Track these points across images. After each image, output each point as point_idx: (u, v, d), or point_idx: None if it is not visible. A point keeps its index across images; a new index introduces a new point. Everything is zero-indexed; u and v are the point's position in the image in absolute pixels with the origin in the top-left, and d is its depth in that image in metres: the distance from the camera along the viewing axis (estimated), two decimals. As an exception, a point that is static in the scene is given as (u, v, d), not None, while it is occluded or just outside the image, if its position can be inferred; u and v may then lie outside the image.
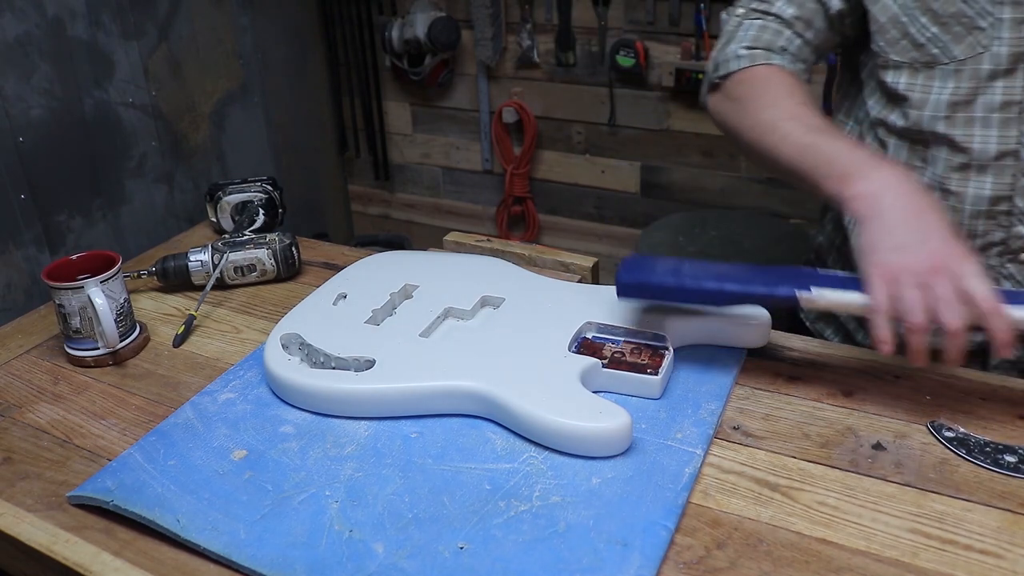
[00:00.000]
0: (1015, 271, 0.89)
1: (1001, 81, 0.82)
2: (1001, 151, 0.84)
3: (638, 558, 0.60)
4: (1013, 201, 0.86)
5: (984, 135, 0.85)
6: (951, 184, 0.88)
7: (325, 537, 0.63)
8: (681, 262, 0.78)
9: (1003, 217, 0.87)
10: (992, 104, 0.83)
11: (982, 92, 0.83)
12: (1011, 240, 0.88)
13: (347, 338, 0.82)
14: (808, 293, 0.71)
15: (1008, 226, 0.87)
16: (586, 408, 0.71)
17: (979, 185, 0.87)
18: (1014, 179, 0.85)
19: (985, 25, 0.81)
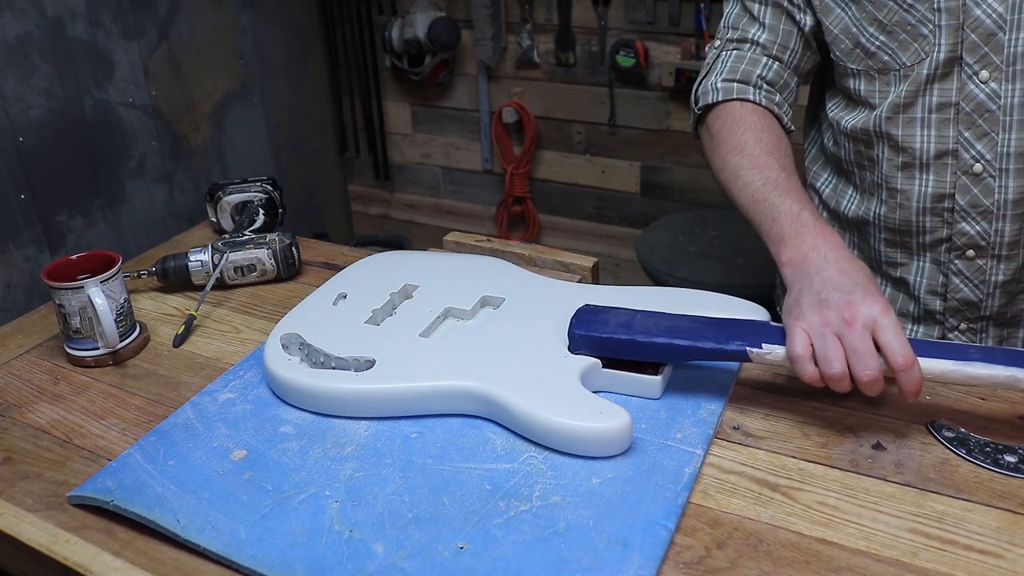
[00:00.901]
0: (963, 267, 0.92)
1: (938, 84, 0.86)
2: (940, 150, 0.88)
3: (638, 558, 0.60)
4: (955, 199, 0.89)
5: (924, 135, 0.89)
6: (896, 183, 0.92)
7: (325, 537, 0.63)
8: (633, 315, 0.78)
9: (947, 214, 0.90)
10: (930, 106, 0.87)
11: (921, 95, 0.87)
12: (956, 236, 0.91)
13: (347, 338, 0.82)
14: (759, 349, 0.72)
15: (952, 223, 0.91)
16: (586, 408, 0.71)
17: (922, 183, 0.90)
18: (954, 177, 0.89)
19: (927, 32, 0.85)
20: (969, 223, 0.90)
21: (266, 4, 2.21)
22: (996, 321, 0.96)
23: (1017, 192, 0.87)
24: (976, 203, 0.88)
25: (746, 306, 0.83)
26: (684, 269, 1.89)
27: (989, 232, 0.89)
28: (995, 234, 0.89)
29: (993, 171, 0.87)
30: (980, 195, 0.88)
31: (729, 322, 0.76)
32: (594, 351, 0.77)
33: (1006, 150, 0.86)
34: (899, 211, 0.93)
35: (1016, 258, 0.91)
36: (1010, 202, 0.87)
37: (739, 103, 0.95)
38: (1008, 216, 0.88)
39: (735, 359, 0.73)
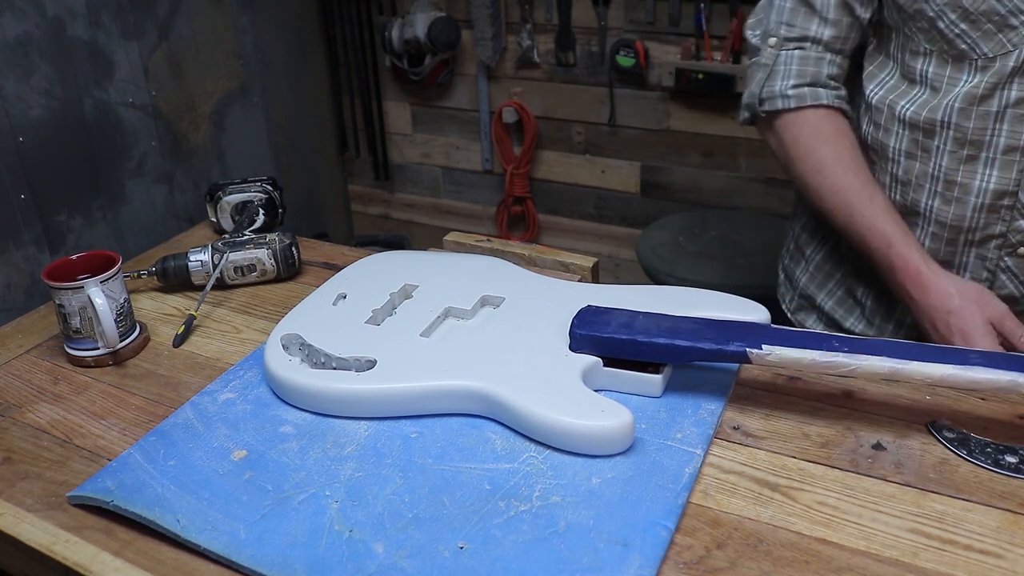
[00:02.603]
0: (1012, 264, 0.92)
1: (1020, 78, 0.84)
2: (1010, 146, 0.86)
3: (638, 558, 0.60)
4: (1017, 196, 0.88)
5: (996, 129, 0.86)
6: (957, 176, 0.89)
7: (325, 537, 0.63)
8: (635, 315, 0.78)
9: (1005, 211, 0.89)
10: (1009, 100, 0.85)
11: (1001, 88, 0.85)
12: (1011, 234, 0.90)
13: (347, 338, 0.82)
14: (759, 350, 0.72)
15: (1009, 220, 0.89)
16: (588, 406, 0.71)
17: (984, 178, 0.88)
18: (1020, 174, 0.87)
19: (1017, 24, 0.82)
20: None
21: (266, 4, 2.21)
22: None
23: None
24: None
25: (747, 305, 0.83)
26: (684, 269, 1.89)
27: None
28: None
29: None
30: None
31: (729, 323, 0.76)
32: (595, 350, 0.77)
33: None
34: (954, 205, 0.90)
35: None
36: None
37: (812, 111, 0.94)
38: None
39: (735, 360, 0.73)
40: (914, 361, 0.68)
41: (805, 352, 0.71)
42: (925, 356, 0.69)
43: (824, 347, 0.71)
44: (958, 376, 0.67)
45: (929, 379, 0.68)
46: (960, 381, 0.68)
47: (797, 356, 0.71)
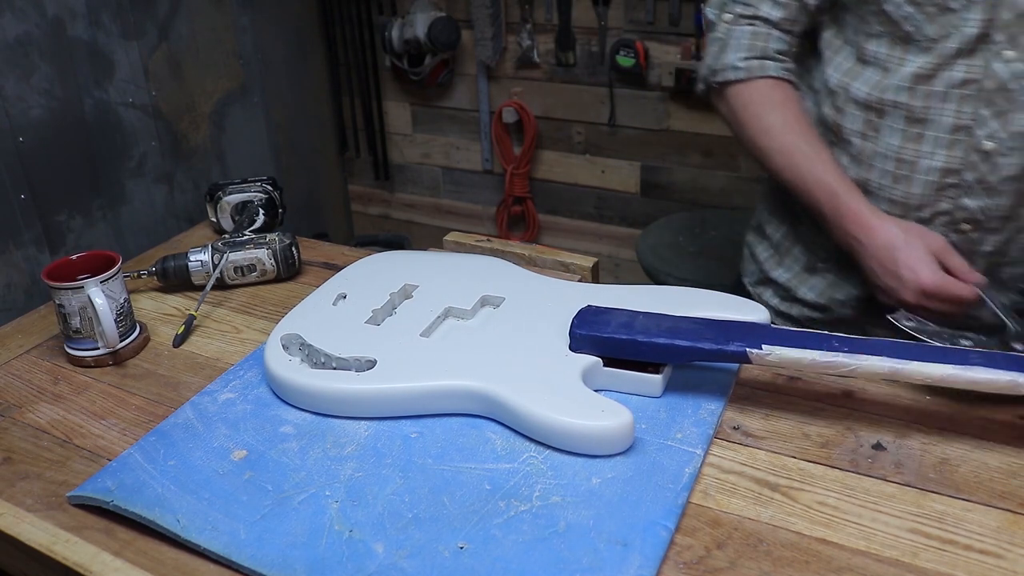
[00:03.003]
0: (957, 240, 0.95)
1: (963, 60, 0.88)
2: (955, 125, 0.90)
3: (638, 558, 0.60)
4: (962, 175, 0.91)
5: (941, 109, 0.90)
6: (906, 154, 0.94)
7: (325, 537, 0.63)
8: (635, 315, 0.78)
9: (951, 189, 0.92)
10: (953, 80, 0.89)
11: (945, 68, 0.89)
12: (956, 211, 0.93)
13: (347, 338, 0.82)
14: (759, 350, 0.72)
15: (955, 198, 0.93)
16: (588, 406, 0.71)
17: (931, 157, 0.92)
18: (965, 153, 0.90)
19: (956, 7, 0.86)
20: (972, 198, 0.92)
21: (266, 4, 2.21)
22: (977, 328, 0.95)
23: (1017, 170, 0.89)
24: (982, 180, 0.90)
25: (747, 305, 0.83)
26: (684, 269, 1.89)
27: (988, 207, 0.92)
28: (993, 209, 0.92)
29: (1004, 149, 0.88)
30: (987, 172, 0.90)
31: (729, 323, 0.76)
32: (595, 350, 0.77)
33: (1017, 129, 0.88)
34: (904, 183, 0.95)
35: (1004, 231, 0.93)
36: (1011, 179, 0.90)
37: (761, 81, 0.99)
38: (1007, 192, 0.90)
39: (735, 360, 0.73)
40: (914, 361, 0.68)
41: (805, 352, 0.71)
42: (925, 356, 0.69)
43: (824, 347, 0.71)
44: (958, 376, 0.67)
45: (929, 379, 0.68)
46: (960, 381, 0.68)
47: (797, 356, 0.71)
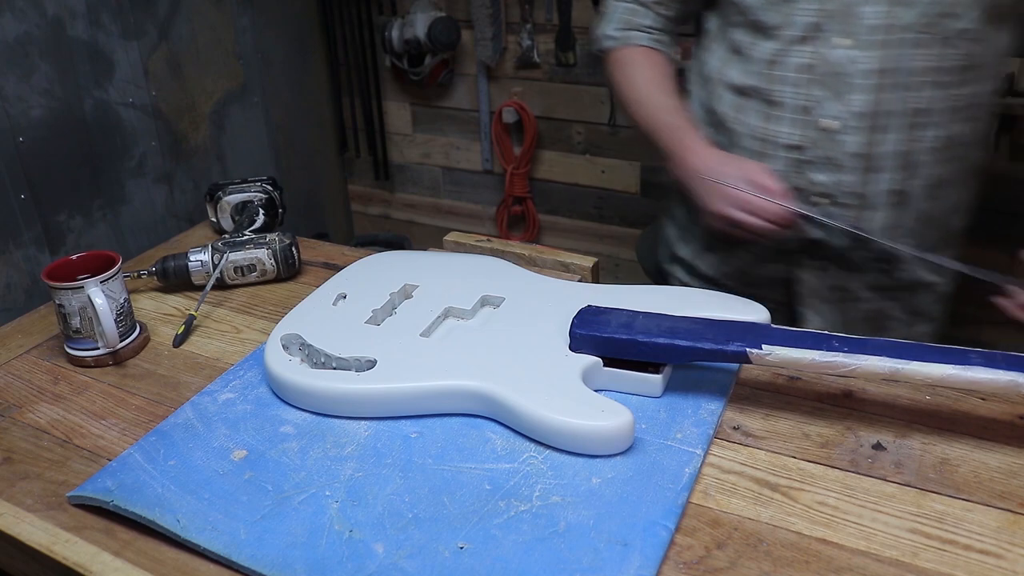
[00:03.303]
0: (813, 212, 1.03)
1: (802, 46, 0.98)
2: (801, 106, 1.00)
3: (638, 558, 0.60)
4: (811, 151, 1.01)
5: (788, 92, 1.01)
6: (765, 134, 1.04)
7: (325, 537, 0.63)
8: (635, 315, 0.79)
9: (804, 165, 1.02)
10: (796, 65, 0.99)
11: (789, 54, 0.99)
12: (811, 186, 1.03)
13: (347, 338, 0.82)
14: (759, 350, 0.72)
15: (807, 173, 1.02)
16: (588, 406, 0.71)
17: (782, 135, 1.03)
18: (810, 131, 1.00)
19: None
20: (821, 173, 1.02)
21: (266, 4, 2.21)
22: (840, 264, 1.08)
23: (860, 148, 0.99)
24: (827, 156, 1.00)
25: (747, 305, 0.83)
26: (684, 269, 1.88)
27: (836, 182, 1.01)
28: (843, 184, 1.01)
29: (843, 128, 0.98)
30: (831, 149, 1.00)
31: (729, 323, 0.76)
32: (595, 350, 0.77)
33: (854, 110, 0.97)
34: (764, 159, 1.04)
35: (855, 206, 1.02)
36: (854, 155, 0.99)
37: (633, 48, 1.14)
38: (851, 168, 1.00)
39: (735, 360, 0.73)
40: (914, 361, 0.68)
41: (805, 352, 0.71)
42: (925, 356, 0.69)
43: (824, 347, 0.71)
44: (958, 376, 0.67)
45: (929, 379, 0.68)
46: (960, 381, 0.68)
47: (797, 356, 0.71)
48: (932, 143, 1.00)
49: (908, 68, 0.95)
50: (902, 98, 0.96)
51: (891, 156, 0.99)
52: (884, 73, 0.95)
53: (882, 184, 1.01)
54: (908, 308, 1.11)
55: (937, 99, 0.97)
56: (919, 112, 0.98)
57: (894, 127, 0.98)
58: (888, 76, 0.96)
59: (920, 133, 0.99)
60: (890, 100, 0.97)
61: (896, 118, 0.97)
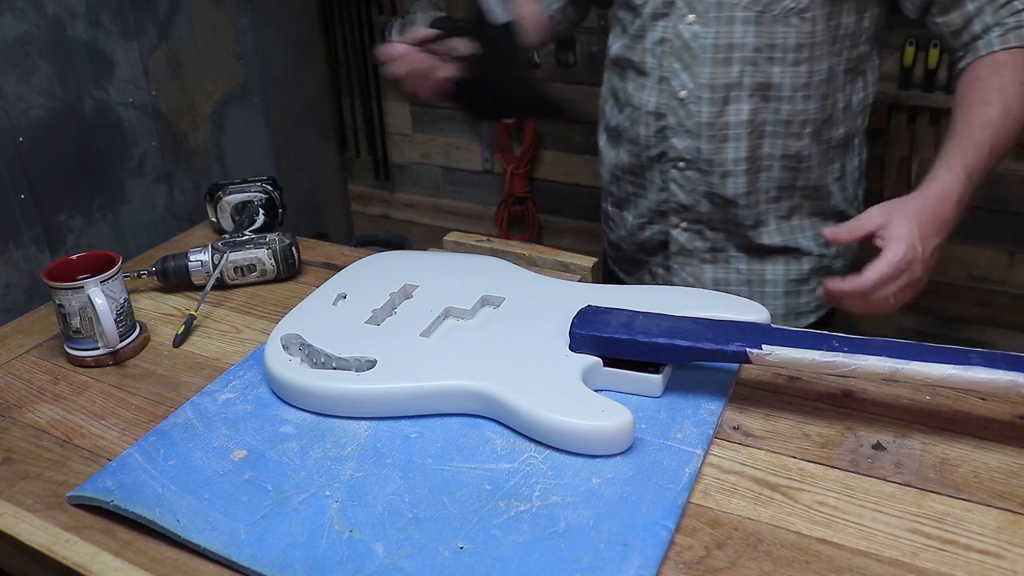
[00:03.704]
0: (677, 176, 1.13)
1: (660, 21, 1.07)
2: (660, 76, 1.09)
3: (638, 558, 0.60)
4: (667, 118, 1.10)
5: (651, 63, 1.09)
6: (635, 100, 1.13)
7: (325, 537, 0.63)
8: (635, 315, 0.79)
9: (665, 131, 1.11)
10: (655, 38, 1.08)
11: (650, 29, 1.08)
12: (670, 151, 1.12)
13: (347, 338, 0.82)
14: (759, 350, 0.72)
15: (668, 138, 1.11)
16: (588, 406, 0.71)
17: (649, 103, 1.11)
18: (668, 100, 1.09)
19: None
20: (678, 139, 1.10)
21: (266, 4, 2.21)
22: (710, 226, 1.15)
23: (711, 117, 1.06)
24: (682, 123, 1.09)
25: (747, 305, 0.83)
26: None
27: (692, 148, 1.09)
28: (696, 151, 1.09)
29: (693, 98, 1.06)
30: (684, 117, 1.08)
31: (729, 323, 0.76)
32: (595, 350, 0.77)
33: (703, 81, 1.05)
34: (635, 124, 1.14)
35: (714, 173, 1.10)
36: (705, 124, 1.07)
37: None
38: (704, 136, 1.08)
39: (735, 360, 0.73)
40: (914, 361, 0.68)
41: (805, 352, 0.71)
42: (925, 356, 0.69)
43: (824, 347, 0.71)
44: (958, 376, 0.67)
45: (929, 379, 0.68)
46: (960, 381, 0.68)
47: (797, 356, 0.71)
48: (781, 116, 1.06)
49: (745, 44, 1.02)
50: (745, 72, 1.04)
51: (742, 126, 1.07)
52: (724, 48, 1.03)
53: (735, 152, 1.08)
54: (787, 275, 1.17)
55: (777, 75, 1.04)
56: (762, 86, 1.05)
57: (741, 99, 1.05)
58: (728, 51, 1.03)
59: (766, 106, 1.06)
60: (733, 73, 1.04)
61: (742, 91, 1.05)
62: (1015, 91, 0.93)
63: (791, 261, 1.16)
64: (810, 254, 1.16)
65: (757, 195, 1.11)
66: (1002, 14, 0.96)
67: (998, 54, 0.95)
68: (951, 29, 1.00)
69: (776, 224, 1.14)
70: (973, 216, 1.72)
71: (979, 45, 0.97)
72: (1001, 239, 1.73)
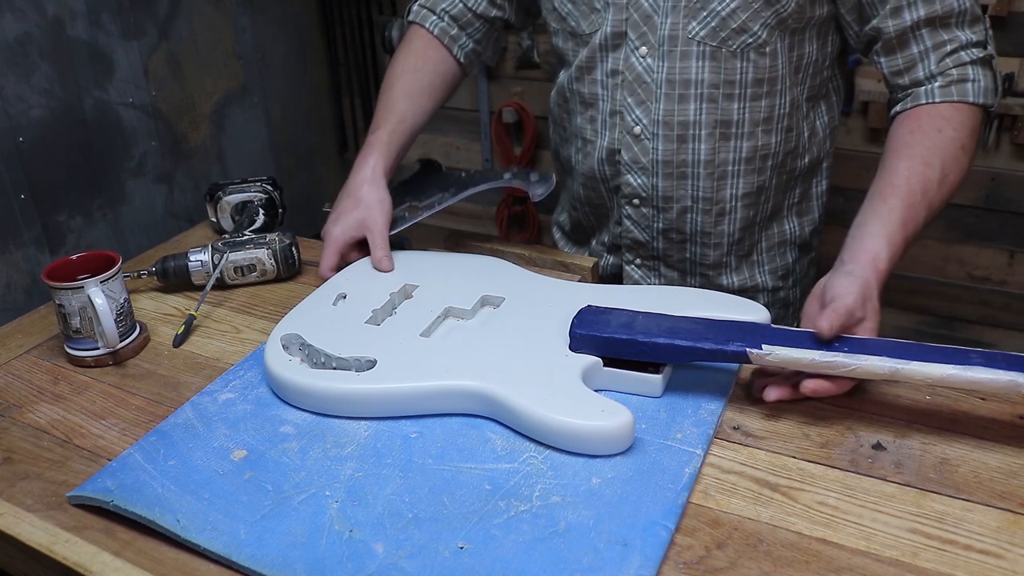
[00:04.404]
0: (632, 212, 1.09)
1: (610, 53, 1.01)
2: (612, 110, 1.04)
3: (638, 558, 0.60)
4: (621, 154, 1.05)
5: (601, 95, 1.04)
6: (586, 134, 1.08)
7: (325, 537, 0.63)
8: (635, 315, 0.79)
9: (618, 166, 1.06)
10: (606, 71, 1.03)
11: (599, 61, 1.03)
12: (624, 186, 1.07)
13: (347, 338, 0.82)
14: (759, 350, 0.72)
15: (621, 174, 1.07)
16: (588, 406, 0.71)
17: (601, 137, 1.06)
18: (621, 135, 1.04)
19: (599, 7, 1.00)
20: (633, 176, 1.06)
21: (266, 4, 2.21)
22: (665, 263, 1.12)
23: (666, 154, 1.02)
24: (636, 160, 1.04)
25: (747, 305, 0.83)
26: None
27: (647, 186, 1.05)
28: (652, 188, 1.05)
29: (648, 134, 1.02)
30: (639, 153, 1.04)
31: (729, 323, 0.76)
32: (595, 350, 0.77)
33: (658, 117, 1.01)
34: (587, 158, 1.09)
35: (671, 211, 1.06)
36: (661, 162, 1.03)
37: (421, 28, 1.16)
38: (661, 174, 1.04)
39: (735, 360, 0.73)
40: (914, 361, 0.68)
41: (805, 352, 0.71)
42: (925, 356, 0.69)
43: (824, 347, 0.71)
44: (958, 376, 0.67)
45: (929, 379, 0.68)
46: (959, 381, 0.68)
47: (797, 356, 0.71)
48: (740, 153, 1.02)
49: (702, 80, 0.98)
50: (702, 109, 0.99)
51: (700, 164, 1.02)
52: (681, 83, 0.98)
53: (694, 191, 1.04)
54: None
55: (736, 111, 0.99)
56: (721, 123, 1.00)
57: (700, 137, 1.00)
58: (684, 87, 0.98)
59: (726, 143, 1.01)
60: (691, 110, 0.99)
61: (700, 128, 1.00)
62: (955, 156, 0.88)
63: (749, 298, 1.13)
64: (766, 289, 1.13)
65: (720, 237, 1.07)
66: (947, 63, 0.91)
67: (940, 107, 0.90)
68: (892, 70, 0.95)
69: (736, 263, 1.10)
70: (973, 216, 1.73)
71: (920, 92, 0.92)
72: (1001, 239, 1.72)
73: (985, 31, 0.93)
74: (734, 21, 0.94)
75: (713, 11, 0.94)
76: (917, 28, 0.91)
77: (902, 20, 0.91)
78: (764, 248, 1.11)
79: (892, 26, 0.92)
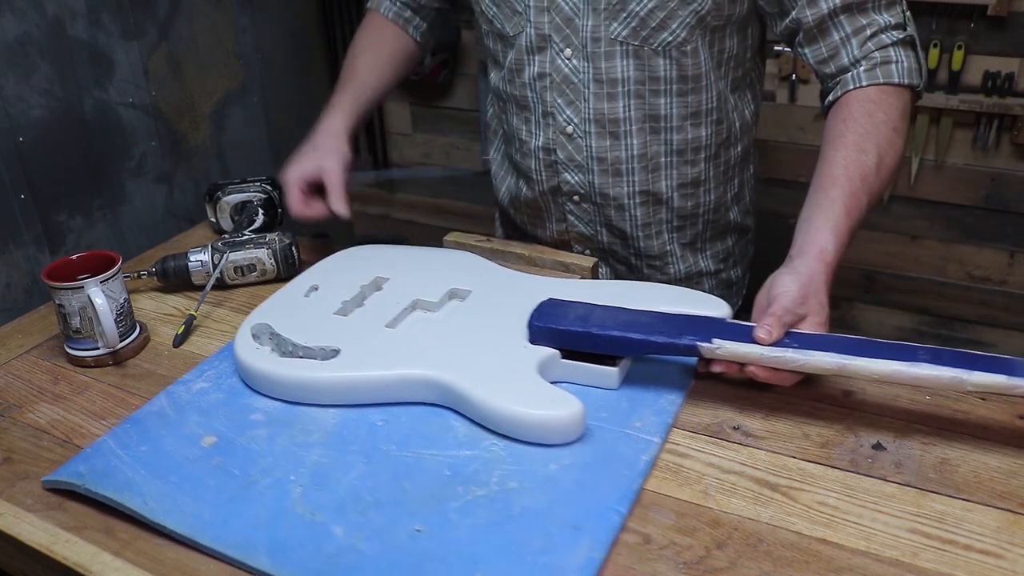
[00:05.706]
0: (574, 208, 1.11)
1: (536, 56, 1.02)
2: (544, 111, 1.05)
3: (588, 541, 0.61)
4: (557, 153, 1.06)
5: (532, 97, 1.05)
6: (522, 135, 1.10)
7: (287, 520, 0.64)
8: (592, 308, 0.80)
9: (555, 165, 1.08)
10: (534, 73, 1.03)
11: (527, 64, 1.03)
12: (563, 185, 1.09)
13: (316, 328, 0.83)
14: (709, 344, 0.72)
15: (558, 172, 1.08)
16: (539, 397, 0.72)
17: (536, 137, 1.08)
18: (555, 135, 1.05)
19: (520, 9, 1.01)
20: (570, 174, 1.08)
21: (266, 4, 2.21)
22: (613, 256, 1.14)
23: (600, 151, 1.04)
24: (571, 158, 1.06)
25: (709, 300, 0.84)
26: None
27: (585, 183, 1.07)
28: (589, 185, 1.07)
29: (581, 132, 1.04)
30: (574, 152, 1.06)
31: (684, 318, 0.77)
32: (553, 343, 0.78)
33: (588, 116, 1.02)
34: (526, 158, 1.11)
35: (610, 205, 1.08)
36: (596, 159, 1.05)
37: (377, 14, 1.20)
38: (596, 170, 1.05)
39: (687, 353, 0.75)
40: (861, 357, 0.69)
41: (754, 347, 0.71)
42: (872, 352, 0.69)
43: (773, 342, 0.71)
44: (902, 372, 0.68)
45: (876, 375, 0.69)
46: (904, 377, 0.68)
47: (746, 351, 0.72)
48: (672, 146, 1.04)
49: (628, 78, 0.99)
50: (631, 105, 1.00)
51: (634, 160, 1.04)
52: (608, 83, 1.00)
53: (630, 186, 1.06)
54: None
55: (664, 106, 1.01)
56: (650, 118, 1.01)
57: (631, 132, 1.02)
58: (612, 85, 1.00)
59: (657, 137, 1.03)
60: (620, 107, 1.01)
61: (630, 124, 1.02)
62: (889, 138, 0.88)
63: (693, 285, 1.15)
64: (710, 273, 1.16)
65: (660, 226, 1.10)
66: (869, 47, 0.91)
67: (869, 90, 0.91)
68: (818, 59, 0.95)
69: (681, 252, 1.13)
70: (973, 216, 1.73)
71: (848, 79, 0.92)
72: (1001, 239, 1.72)
73: (903, 13, 0.93)
74: (653, 20, 0.95)
75: (632, 12, 0.95)
76: (835, 15, 0.92)
77: (819, 9, 0.92)
78: (708, 236, 1.13)
79: (810, 15, 0.93)
